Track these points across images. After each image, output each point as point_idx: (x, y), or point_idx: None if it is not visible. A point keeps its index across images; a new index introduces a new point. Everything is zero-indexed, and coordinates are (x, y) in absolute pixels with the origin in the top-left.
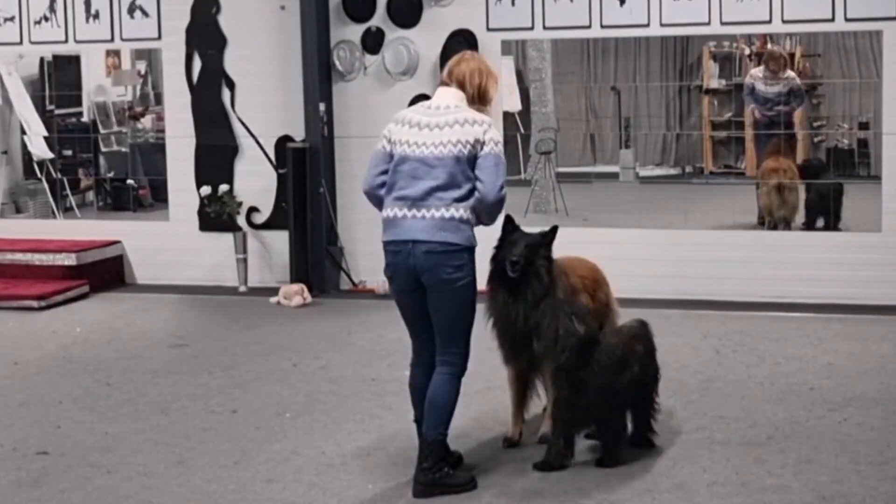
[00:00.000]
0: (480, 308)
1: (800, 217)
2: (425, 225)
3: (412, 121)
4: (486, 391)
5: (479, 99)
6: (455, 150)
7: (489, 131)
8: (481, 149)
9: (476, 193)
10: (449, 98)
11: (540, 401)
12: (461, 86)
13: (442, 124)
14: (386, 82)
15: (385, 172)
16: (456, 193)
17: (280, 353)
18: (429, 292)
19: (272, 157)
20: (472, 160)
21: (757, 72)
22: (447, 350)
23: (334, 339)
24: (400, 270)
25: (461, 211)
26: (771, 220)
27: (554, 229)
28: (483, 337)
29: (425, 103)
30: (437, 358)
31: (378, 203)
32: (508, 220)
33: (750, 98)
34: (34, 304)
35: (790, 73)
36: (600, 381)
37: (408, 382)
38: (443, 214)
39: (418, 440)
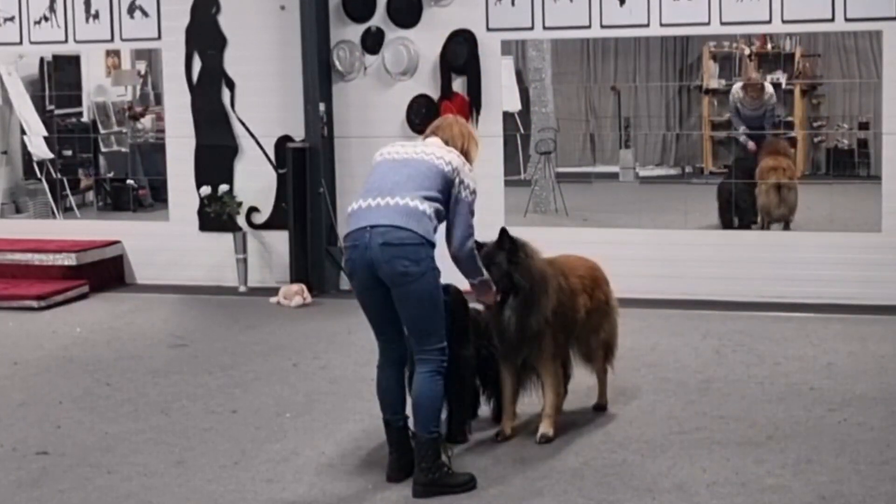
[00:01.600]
0: None
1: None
2: (388, 211)
3: (397, 146)
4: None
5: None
6: (436, 160)
7: (466, 172)
8: (457, 186)
9: (450, 240)
10: (435, 143)
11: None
12: (448, 144)
13: (425, 150)
14: (386, 82)
15: None
16: (425, 192)
17: (280, 353)
18: (391, 290)
19: (272, 157)
20: (445, 182)
21: (739, 91)
22: (422, 348)
23: (334, 339)
24: (357, 266)
25: (425, 205)
26: (769, 219)
27: (502, 232)
28: None
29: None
30: (415, 357)
31: None
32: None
33: (737, 119)
34: (34, 304)
35: (768, 92)
36: None
37: (375, 384)
38: (408, 203)
39: (387, 440)
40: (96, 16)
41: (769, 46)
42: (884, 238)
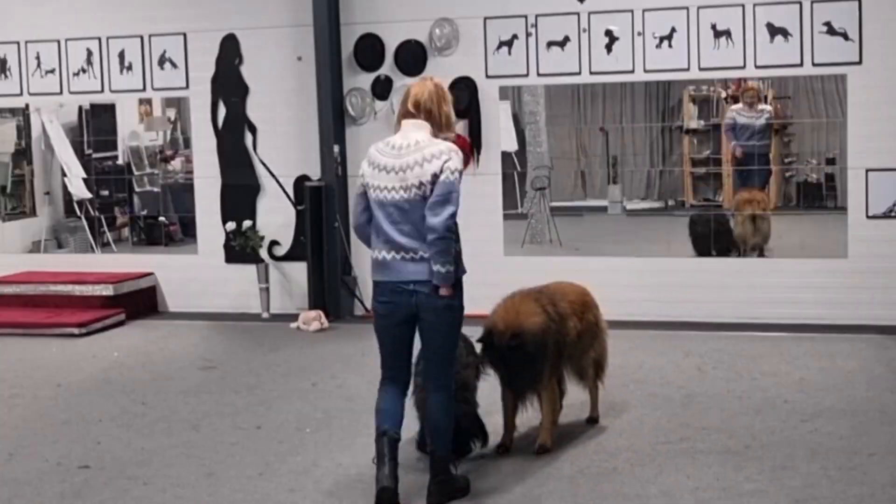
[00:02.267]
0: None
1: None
2: (419, 268)
3: (380, 164)
4: (491, 412)
5: (445, 127)
6: (420, 191)
7: (447, 162)
8: (443, 172)
9: (426, 223)
10: (413, 134)
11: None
12: (429, 115)
13: (405, 167)
14: (394, 125)
15: (368, 209)
16: None
17: (300, 373)
18: (423, 323)
19: (291, 194)
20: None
21: (736, 107)
22: (440, 374)
23: (349, 360)
24: (400, 307)
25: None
26: (745, 247)
27: (514, 334)
28: None
29: (391, 140)
30: (429, 384)
31: (366, 240)
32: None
33: (731, 134)
34: (75, 331)
35: (765, 107)
36: None
37: (376, 403)
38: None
39: (379, 453)
40: (130, 67)
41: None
42: (850, 263)
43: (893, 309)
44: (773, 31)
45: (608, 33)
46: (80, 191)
